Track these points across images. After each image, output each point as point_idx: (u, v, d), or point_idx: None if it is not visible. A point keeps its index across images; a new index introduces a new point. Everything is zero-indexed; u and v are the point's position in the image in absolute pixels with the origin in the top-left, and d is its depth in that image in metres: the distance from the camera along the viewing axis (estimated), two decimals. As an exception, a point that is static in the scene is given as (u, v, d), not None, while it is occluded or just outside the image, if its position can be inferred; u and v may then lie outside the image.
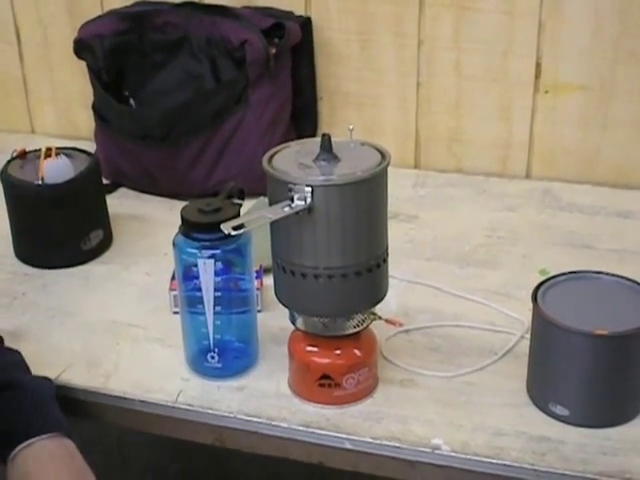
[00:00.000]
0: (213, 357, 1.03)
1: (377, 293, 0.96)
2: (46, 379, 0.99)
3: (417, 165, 1.61)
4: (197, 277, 0.99)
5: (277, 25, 1.46)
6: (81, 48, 1.51)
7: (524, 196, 1.48)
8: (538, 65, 1.47)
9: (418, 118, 1.58)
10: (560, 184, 1.51)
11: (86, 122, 1.63)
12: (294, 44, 1.51)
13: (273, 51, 1.44)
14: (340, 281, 0.91)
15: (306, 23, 1.55)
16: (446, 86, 1.54)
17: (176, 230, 1.01)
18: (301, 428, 0.97)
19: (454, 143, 1.58)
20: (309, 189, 0.86)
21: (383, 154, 0.92)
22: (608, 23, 1.42)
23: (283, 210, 0.87)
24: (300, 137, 1.50)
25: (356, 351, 0.98)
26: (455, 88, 1.54)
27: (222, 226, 0.86)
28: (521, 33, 1.46)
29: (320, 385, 0.98)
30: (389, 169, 0.91)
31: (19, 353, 1.02)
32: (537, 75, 1.48)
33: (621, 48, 1.42)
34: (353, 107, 1.60)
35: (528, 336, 1.00)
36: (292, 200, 0.87)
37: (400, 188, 1.48)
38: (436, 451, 0.93)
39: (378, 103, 1.59)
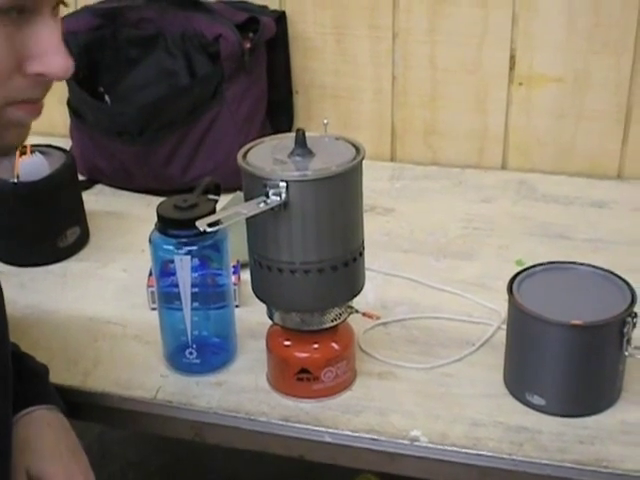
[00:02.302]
0: (191, 353, 1.03)
1: (354, 287, 0.96)
2: (43, 364, 1.01)
3: (393, 158, 1.61)
4: (174, 273, 0.99)
5: (251, 19, 1.46)
6: (55, 44, 1.50)
7: (500, 187, 1.48)
8: (512, 57, 1.48)
9: (394, 111, 1.58)
10: (536, 175, 1.52)
11: (61, 119, 1.62)
12: (269, 38, 1.51)
13: (248, 46, 1.44)
14: (317, 275, 0.91)
15: (281, 17, 1.55)
16: (421, 78, 1.54)
17: (153, 226, 1.01)
18: (280, 422, 0.97)
19: (430, 135, 1.58)
20: (284, 184, 0.86)
21: (358, 148, 0.92)
22: (582, 14, 1.42)
23: (258, 206, 0.86)
24: (276, 131, 1.50)
25: (334, 345, 0.98)
26: (430, 80, 1.54)
27: (197, 223, 0.86)
28: (495, 25, 1.47)
29: (299, 379, 0.98)
30: (365, 162, 0.91)
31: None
32: (511, 67, 1.49)
33: (595, 39, 1.43)
34: (329, 100, 1.61)
35: (505, 327, 1.01)
36: (267, 196, 0.86)
37: (376, 181, 1.48)
38: (415, 443, 0.93)
39: (354, 96, 1.59)
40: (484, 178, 1.52)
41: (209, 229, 0.85)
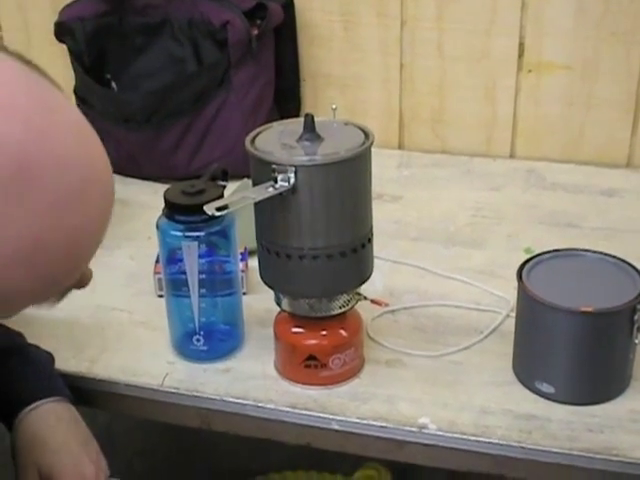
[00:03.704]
0: (199, 340, 1.03)
1: (362, 273, 0.95)
2: (48, 352, 1.01)
3: (401, 146, 1.61)
4: (181, 260, 0.99)
5: (259, 6, 1.45)
6: (62, 31, 1.49)
7: (508, 176, 1.48)
8: (521, 44, 1.47)
9: (402, 99, 1.57)
10: (544, 163, 1.51)
11: (68, 106, 1.62)
12: (276, 25, 1.50)
13: (255, 32, 1.43)
14: (325, 262, 0.90)
15: (288, 4, 1.54)
16: (429, 66, 1.54)
17: (160, 213, 1.00)
18: (288, 409, 0.97)
19: (438, 123, 1.57)
20: (292, 169, 0.86)
21: (367, 133, 0.91)
22: (591, 2, 1.41)
23: (267, 191, 0.86)
24: (283, 119, 1.49)
25: (342, 332, 0.98)
26: (438, 68, 1.53)
27: (205, 207, 0.85)
28: (504, 12, 1.46)
29: (306, 366, 0.98)
30: (373, 150, 0.91)
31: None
32: (520, 54, 1.48)
33: (604, 27, 1.42)
34: (336, 89, 1.60)
35: (513, 314, 1.01)
36: (275, 181, 0.86)
37: (384, 169, 1.47)
38: (423, 430, 0.93)
39: (361, 84, 1.58)
40: (492, 166, 1.51)
41: (217, 213, 0.85)
